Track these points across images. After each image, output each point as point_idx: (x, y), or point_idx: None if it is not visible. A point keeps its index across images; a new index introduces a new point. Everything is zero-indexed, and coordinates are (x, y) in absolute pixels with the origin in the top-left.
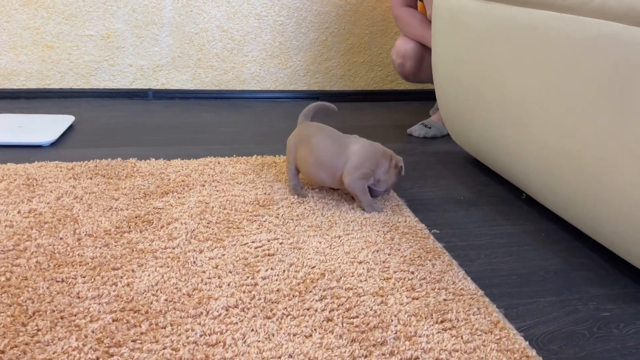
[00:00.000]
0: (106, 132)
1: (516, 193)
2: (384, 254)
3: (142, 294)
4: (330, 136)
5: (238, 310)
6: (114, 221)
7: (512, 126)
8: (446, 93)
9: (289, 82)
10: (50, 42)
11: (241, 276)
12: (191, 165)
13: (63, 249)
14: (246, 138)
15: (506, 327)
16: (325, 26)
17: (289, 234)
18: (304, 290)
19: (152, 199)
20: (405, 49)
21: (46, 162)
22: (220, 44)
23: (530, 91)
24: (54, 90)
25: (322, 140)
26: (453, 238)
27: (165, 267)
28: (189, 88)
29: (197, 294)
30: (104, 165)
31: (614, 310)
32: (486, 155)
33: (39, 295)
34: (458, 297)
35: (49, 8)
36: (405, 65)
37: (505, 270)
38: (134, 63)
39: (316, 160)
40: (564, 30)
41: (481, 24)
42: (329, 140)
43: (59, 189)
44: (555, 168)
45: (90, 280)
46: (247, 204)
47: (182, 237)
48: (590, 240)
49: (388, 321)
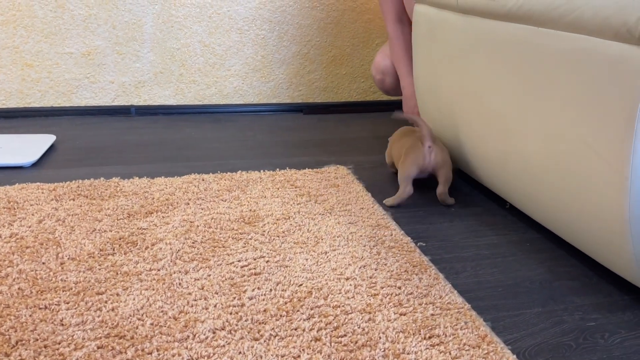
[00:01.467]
0: (88, 150)
1: (500, 202)
2: (371, 269)
3: (127, 318)
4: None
5: (225, 333)
6: (97, 243)
7: (492, 138)
8: (427, 104)
9: (272, 95)
10: (30, 60)
11: (227, 297)
12: (175, 183)
13: (46, 274)
14: (230, 153)
15: (494, 341)
16: (307, 39)
17: (275, 251)
18: (292, 309)
19: (136, 219)
20: (384, 64)
21: (27, 184)
22: (202, 59)
23: (509, 104)
24: (34, 109)
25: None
26: (439, 251)
27: (150, 289)
28: (172, 104)
29: (183, 317)
30: (86, 185)
31: (599, 320)
32: (468, 165)
33: (22, 323)
34: (445, 311)
35: (27, 27)
36: (385, 80)
37: (491, 282)
38: (116, 80)
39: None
40: (540, 44)
41: (459, 37)
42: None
43: (40, 212)
44: (537, 178)
45: (74, 306)
46: (232, 222)
47: (167, 258)
48: (574, 249)
49: (376, 339)
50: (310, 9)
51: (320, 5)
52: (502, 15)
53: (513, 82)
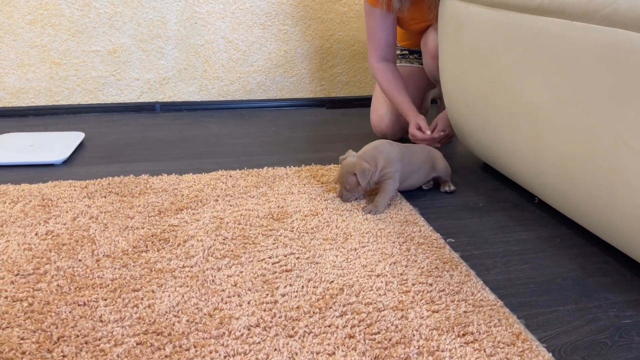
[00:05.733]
0: (116, 147)
1: (528, 197)
2: (401, 265)
3: (163, 315)
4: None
5: (260, 330)
6: (130, 241)
7: (522, 132)
8: (454, 99)
9: (294, 90)
10: (58, 59)
11: (260, 294)
12: (203, 179)
13: (83, 271)
14: (255, 149)
15: (528, 339)
16: (329, 33)
17: (305, 248)
18: (324, 306)
19: (167, 216)
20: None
21: (60, 182)
22: (225, 55)
23: (540, 99)
24: (62, 106)
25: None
26: (468, 247)
27: (184, 286)
28: (196, 100)
29: (218, 314)
30: (117, 182)
31: (635, 317)
32: (496, 160)
33: (62, 320)
34: (478, 308)
35: (55, 26)
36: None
37: (523, 279)
38: (141, 77)
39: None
40: (574, 38)
41: (488, 32)
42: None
43: (74, 209)
44: (567, 174)
45: (111, 302)
46: (261, 218)
47: (199, 255)
48: (606, 245)
49: (410, 336)
50: (332, 3)
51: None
52: (533, 9)
53: (545, 76)
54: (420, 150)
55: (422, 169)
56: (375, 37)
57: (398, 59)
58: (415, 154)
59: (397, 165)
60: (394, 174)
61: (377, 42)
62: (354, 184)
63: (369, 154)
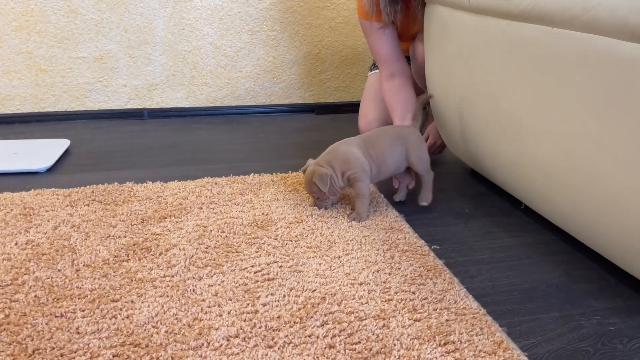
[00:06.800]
0: (102, 155)
1: (514, 203)
2: (385, 273)
3: (142, 326)
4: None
5: (239, 340)
6: (112, 250)
7: (506, 138)
8: (440, 104)
9: (283, 96)
10: (44, 65)
11: (241, 303)
12: (188, 187)
13: (61, 282)
14: (242, 156)
15: (510, 348)
16: (318, 39)
17: (288, 256)
18: (305, 316)
19: (149, 224)
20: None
21: (43, 190)
22: (213, 61)
23: (523, 104)
24: (48, 113)
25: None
26: (453, 254)
27: (164, 296)
28: (184, 106)
29: (197, 324)
30: (100, 190)
31: (618, 325)
32: (483, 166)
33: (38, 332)
34: (460, 317)
35: (41, 32)
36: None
37: (507, 286)
38: (128, 83)
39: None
40: (554, 44)
41: (472, 37)
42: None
43: (56, 218)
44: (552, 180)
45: (89, 314)
46: (245, 226)
47: (180, 264)
48: (591, 251)
49: (391, 346)
50: (320, 9)
51: (331, 5)
52: (515, 15)
53: (527, 82)
54: (385, 133)
55: (394, 152)
56: (378, 55)
57: None
58: (380, 139)
59: (356, 164)
60: (358, 174)
61: (381, 58)
62: (320, 192)
63: (324, 158)
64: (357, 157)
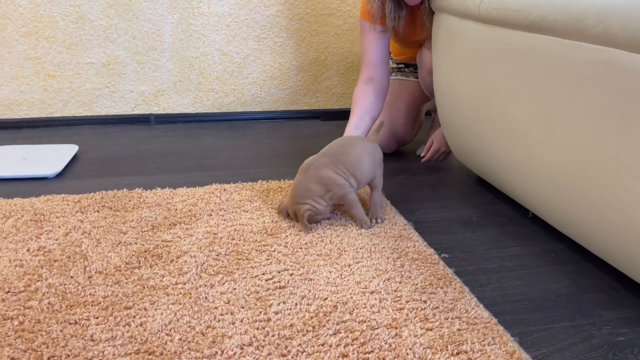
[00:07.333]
0: (110, 160)
1: (522, 212)
2: (395, 282)
3: (155, 334)
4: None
5: (252, 349)
6: (123, 256)
7: (515, 148)
8: (448, 113)
9: (289, 102)
10: (52, 71)
11: (253, 311)
12: (197, 193)
13: (74, 289)
14: (250, 162)
15: (522, 358)
16: (324, 46)
17: (299, 264)
18: (318, 324)
19: (160, 231)
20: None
21: (53, 196)
22: (220, 67)
23: (532, 115)
24: (56, 118)
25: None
26: (463, 262)
27: (177, 304)
28: (191, 112)
29: (210, 332)
30: (110, 196)
31: (628, 335)
32: (490, 174)
33: (53, 339)
34: (472, 326)
35: (49, 38)
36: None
37: (517, 295)
38: (135, 89)
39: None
40: (565, 56)
41: (481, 47)
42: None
43: (66, 224)
44: (561, 190)
45: (103, 321)
46: (255, 233)
47: (192, 272)
48: (600, 260)
49: (404, 355)
50: (327, 16)
51: (337, 13)
52: (525, 26)
53: (537, 93)
54: (353, 145)
55: (363, 164)
56: (365, 55)
57: (393, 72)
58: (350, 147)
59: (333, 185)
60: (340, 189)
61: (366, 59)
62: (314, 220)
63: (300, 194)
64: (331, 178)
